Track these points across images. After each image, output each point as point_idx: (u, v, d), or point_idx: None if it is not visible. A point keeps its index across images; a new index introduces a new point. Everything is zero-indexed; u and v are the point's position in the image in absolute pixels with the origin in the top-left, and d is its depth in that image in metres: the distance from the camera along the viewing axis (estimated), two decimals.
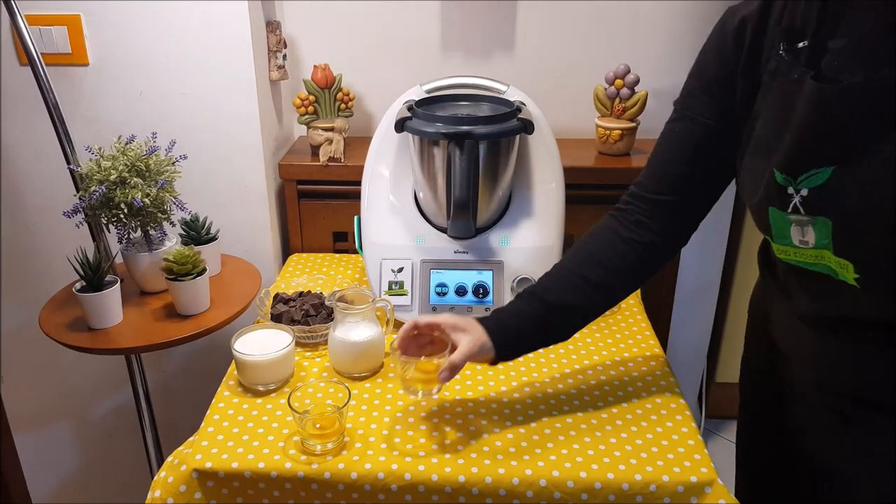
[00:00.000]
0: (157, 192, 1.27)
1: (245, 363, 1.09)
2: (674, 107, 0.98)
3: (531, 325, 0.99)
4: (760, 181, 0.84)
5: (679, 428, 1.02)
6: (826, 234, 0.79)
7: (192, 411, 1.22)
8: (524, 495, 0.93)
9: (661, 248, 1.02)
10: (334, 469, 0.94)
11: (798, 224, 0.81)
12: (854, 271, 0.79)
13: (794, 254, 0.85)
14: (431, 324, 0.99)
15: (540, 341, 1.04)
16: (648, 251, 1.00)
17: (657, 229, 1.00)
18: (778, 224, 0.84)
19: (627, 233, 1.00)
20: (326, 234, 1.62)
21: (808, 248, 0.82)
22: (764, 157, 0.84)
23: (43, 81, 1.26)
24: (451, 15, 1.62)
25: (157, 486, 0.98)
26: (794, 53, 0.81)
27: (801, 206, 0.80)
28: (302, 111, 1.59)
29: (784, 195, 0.81)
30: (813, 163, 0.78)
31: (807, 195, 0.79)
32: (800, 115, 0.78)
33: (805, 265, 0.85)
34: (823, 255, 0.81)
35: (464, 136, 1.15)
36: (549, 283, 1.01)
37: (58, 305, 1.34)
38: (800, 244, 0.83)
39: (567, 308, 1.00)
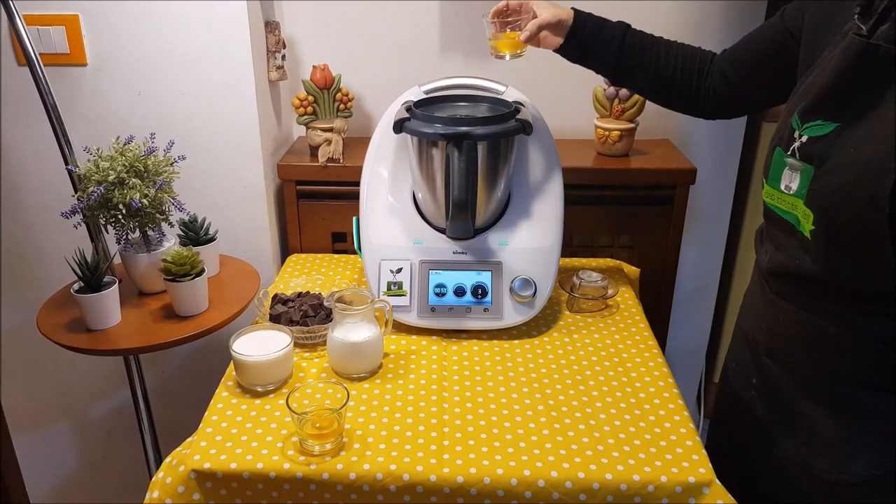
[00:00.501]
0: (155, 193, 1.27)
1: (244, 364, 1.09)
2: None
3: (611, 40, 1.15)
4: (783, 127, 0.92)
5: (677, 428, 1.02)
6: (806, 183, 0.87)
7: (191, 412, 1.22)
8: (522, 496, 0.93)
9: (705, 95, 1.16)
10: (333, 470, 0.94)
11: (790, 168, 0.90)
12: (811, 222, 0.86)
13: (776, 198, 0.94)
14: (519, 4, 1.15)
15: (604, 57, 1.17)
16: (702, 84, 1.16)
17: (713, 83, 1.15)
18: (776, 164, 0.93)
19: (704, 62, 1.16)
20: (325, 234, 1.62)
21: (788, 195, 0.91)
22: (795, 104, 0.91)
23: (41, 82, 1.26)
24: (450, 15, 1.62)
25: (155, 486, 0.98)
26: (865, 18, 0.83)
27: (797, 150, 0.89)
28: (301, 111, 1.59)
29: (791, 138, 0.90)
30: (823, 113, 0.85)
31: (805, 141, 0.87)
32: (831, 65, 0.84)
33: (780, 211, 0.94)
34: (797, 204, 0.90)
35: (462, 137, 1.15)
36: (644, 37, 1.17)
37: (56, 306, 1.34)
38: (784, 189, 0.92)
39: (638, 54, 1.16)
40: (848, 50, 0.82)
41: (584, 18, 1.16)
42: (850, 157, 0.82)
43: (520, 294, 1.24)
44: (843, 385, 0.92)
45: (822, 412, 0.96)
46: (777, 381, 1.02)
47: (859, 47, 0.81)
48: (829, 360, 0.93)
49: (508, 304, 1.25)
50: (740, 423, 1.12)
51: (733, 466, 1.09)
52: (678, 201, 1.57)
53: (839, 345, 0.91)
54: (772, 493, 1.06)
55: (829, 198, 0.84)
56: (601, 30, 1.16)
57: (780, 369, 1.01)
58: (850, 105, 0.83)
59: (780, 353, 1.01)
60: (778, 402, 1.03)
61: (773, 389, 1.04)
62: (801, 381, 0.98)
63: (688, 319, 1.94)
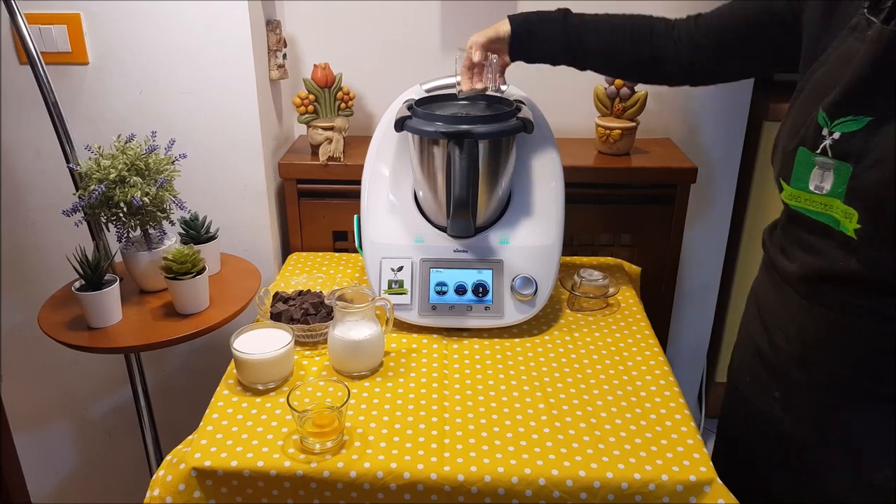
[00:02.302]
0: (156, 191, 1.27)
1: (244, 362, 1.09)
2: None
3: (556, 32, 1.14)
4: (801, 125, 0.88)
5: (678, 427, 1.02)
6: (842, 181, 0.83)
7: (192, 410, 1.22)
8: (523, 494, 0.93)
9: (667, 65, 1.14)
10: (333, 468, 0.94)
11: (821, 167, 0.86)
12: (857, 221, 0.82)
13: (804, 200, 0.89)
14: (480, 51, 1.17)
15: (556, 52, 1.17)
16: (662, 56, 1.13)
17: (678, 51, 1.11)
18: (801, 165, 0.88)
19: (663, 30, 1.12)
20: (326, 233, 1.62)
21: (819, 195, 0.87)
22: (814, 101, 0.88)
23: (42, 80, 1.26)
24: (451, 14, 1.62)
25: (156, 484, 0.98)
26: (875, 13, 0.82)
27: (829, 148, 0.85)
28: (302, 110, 1.59)
29: (818, 136, 0.86)
30: (855, 108, 0.82)
31: (838, 139, 0.84)
32: (858, 58, 0.81)
33: (811, 213, 0.89)
34: (832, 204, 0.86)
35: (463, 135, 1.15)
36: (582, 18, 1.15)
37: (57, 304, 1.34)
38: (814, 189, 0.87)
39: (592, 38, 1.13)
40: (879, 41, 0.80)
41: (522, 23, 1.16)
42: (890, 151, 0.79)
43: (521, 292, 1.24)
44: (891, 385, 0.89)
45: (867, 416, 0.92)
46: (811, 391, 0.97)
47: (890, 37, 0.78)
48: (873, 362, 0.90)
49: (509, 303, 1.25)
50: (763, 440, 1.07)
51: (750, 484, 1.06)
52: (679, 200, 1.57)
53: (884, 345, 0.88)
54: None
55: (875, 194, 0.81)
56: (538, 33, 1.16)
57: (814, 378, 0.96)
58: (883, 97, 0.81)
59: (815, 362, 0.95)
60: (812, 412, 0.98)
61: (804, 400, 0.99)
62: (841, 387, 0.93)
63: (689, 318, 1.94)
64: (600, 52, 1.16)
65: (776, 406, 1.03)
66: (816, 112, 0.86)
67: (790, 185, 0.91)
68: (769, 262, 1.04)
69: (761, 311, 1.06)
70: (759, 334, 1.06)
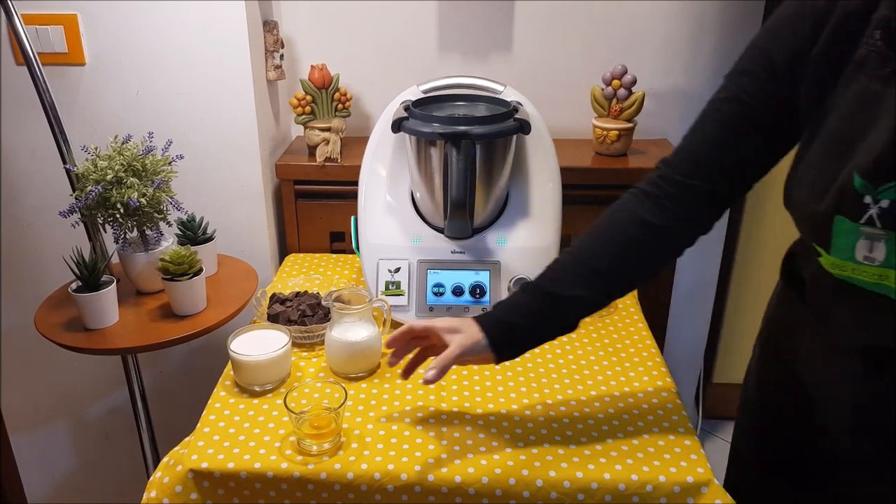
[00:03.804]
0: (153, 192, 1.27)
1: (241, 363, 1.09)
2: (724, 81, 0.89)
3: (532, 319, 0.93)
4: (830, 185, 0.76)
5: (676, 428, 1.02)
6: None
7: (189, 411, 1.22)
8: (521, 495, 0.93)
9: (679, 236, 0.93)
10: (330, 469, 0.94)
11: (868, 238, 0.74)
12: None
13: (852, 269, 0.77)
14: (428, 327, 0.96)
15: (543, 336, 0.96)
16: (665, 238, 0.92)
17: (680, 214, 0.91)
18: (843, 235, 0.76)
19: (648, 215, 0.91)
20: (323, 234, 1.62)
21: (872, 266, 0.75)
22: (838, 157, 0.75)
23: (39, 81, 1.25)
24: (448, 15, 1.62)
25: (152, 486, 0.98)
26: (890, 44, 0.72)
27: (877, 217, 0.72)
28: (299, 111, 1.59)
29: (859, 204, 0.73)
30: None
31: (887, 207, 0.71)
32: (892, 116, 0.70)
33: (862, 283, 0.77)
34: (889, 275, 0.74)
35: (460, 137, 1.15)
36: (554, 273, 0.94)
37: (54, 305, 1.34)
38: (864, 260, 0.75)
39: (570, 300, 0.92)
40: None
41: (498, 328, 0.93)
42: None
43: None
44: None
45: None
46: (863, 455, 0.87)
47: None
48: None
49: None
50: None
51: None
52: None
53: None
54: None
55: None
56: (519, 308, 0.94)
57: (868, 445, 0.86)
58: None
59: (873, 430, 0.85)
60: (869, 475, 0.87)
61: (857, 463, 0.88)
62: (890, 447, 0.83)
63: (686, 320, 1.94)
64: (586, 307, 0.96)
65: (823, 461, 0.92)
66: (849, 176, 0.73)
67: (831, 255, 0.78)
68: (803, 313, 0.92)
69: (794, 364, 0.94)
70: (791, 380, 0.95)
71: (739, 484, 1.11)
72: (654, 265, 0.96)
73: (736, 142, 0.87)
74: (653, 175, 0.94)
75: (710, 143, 0.89)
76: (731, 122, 0.87)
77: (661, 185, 0.92)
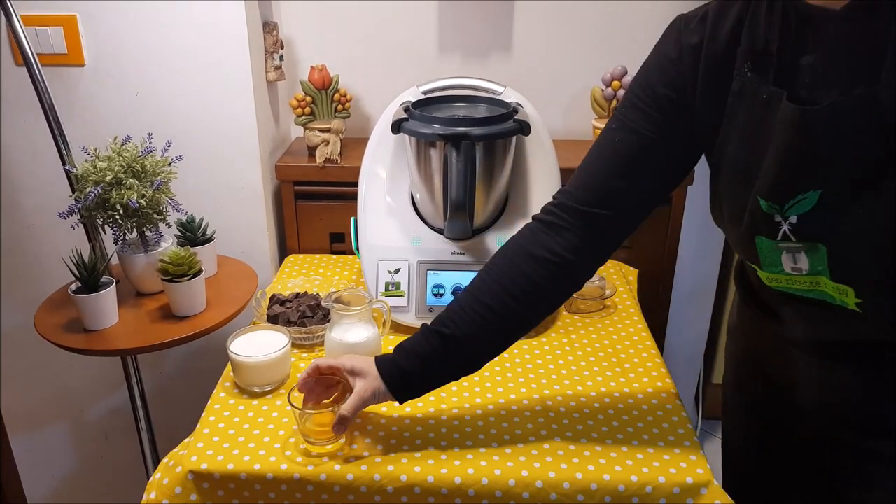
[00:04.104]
0: (152, 193, 1.27)
1: (241, 364, 1.09)
2: (615, 114, 0.91)
3: (431, 363, 0.93)
4: (743, 210, 0.80)
5: (675, 429, 1.02)
6: (821, 260, 0.75)
7: (189, 413, 1.22)
8: (520, 496, 0.93)
9: (576, 267, 0.92)
10: (330, 470, 0.94)
11: (789, 251, 0.77)
12: (855, 296, 0.75)
13: (786, 281, 0.81)
14: (333, 367, 0.97)
15: (443, 378, 0.97)
16: (561, 270, 0.91)
17: (578, 245, 0.90)
18: (767, 253, 0.80)
19: (542, 249, 0.91)
20: (323, 235, 1.62)
21: (801, 275, 0.78)
22: (743, 184, 0.79)
23: (39, 82, 1.26)
24: (448, 16, 1.62)
25: (152, 487, 0.98)
26: (761, 73, 0.76)
27: (790, 233, 0.76)
28: (299, 112, 1.59)
29: (771, 223, 0.77)
30: (799, 188, 0.74)
31: (796, 222, 0.75)
32: (781, 139, 0.74)
33: (799, 292, 0.81)
34: (820, 282, 0.77)
35: (460, 138, 1.15)
36: (451, 313, 0.93)
37: (53, 307, 1.33)
38: (792, 271, 0.79)
39: (467, 342, 0.91)
40: (793, 123, 0.72)
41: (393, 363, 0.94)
42: (865, 222, 0.71)
43: None
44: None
45: None
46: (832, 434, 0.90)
47: (803, 115, 0.71)
48: None
49: None
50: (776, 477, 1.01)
51: None
52: (676, 201, 1.57)
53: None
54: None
55: (866, 269, 0.73)
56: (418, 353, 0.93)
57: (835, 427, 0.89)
58: (823, 166, 0.72)
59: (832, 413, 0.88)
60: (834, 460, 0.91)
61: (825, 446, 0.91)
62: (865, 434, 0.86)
63: (686, 320, 1.94)
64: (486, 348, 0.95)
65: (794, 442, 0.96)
66: (755, 200, 0.77)
67: (764, 270, 0.82)
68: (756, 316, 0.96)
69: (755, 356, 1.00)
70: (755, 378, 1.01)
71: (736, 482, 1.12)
72: (551, 301, 0.96)
73: (632, 169, 0.89)
74: (548, 206, 0.95)
75: (607, 171, 0.90)
76: (626, 151, 0.89)
77: (557, 215, 0.92)
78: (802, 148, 0.73)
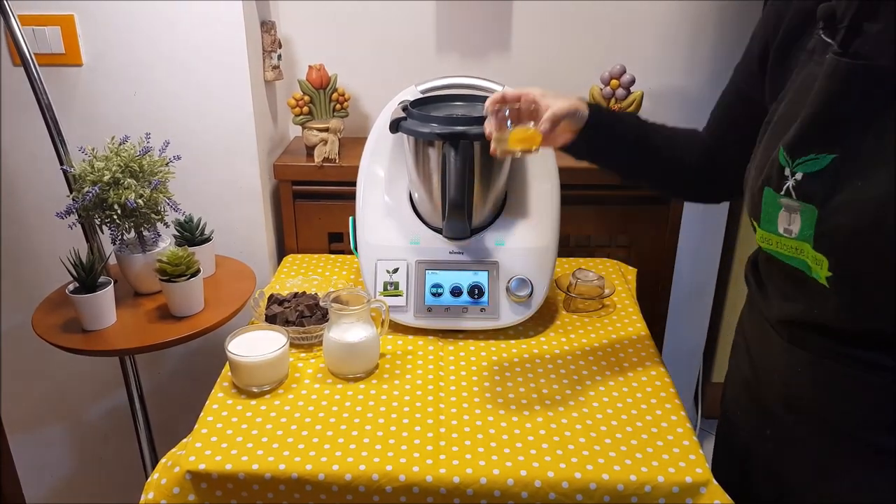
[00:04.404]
0: (150, 193, 1.27)
1: (239, 364, 1.09)
2: None
3: (622, 127, 1.04)
4: (767, 159, 0.83)
5: (674, 428, 1.02)
6: (810, 224, 0.78)
7: (187, 413, 1.21)
8: (519, 496, 0.92)
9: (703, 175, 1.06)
10: (328, 470, 0.94)
11: (787, 210, 0.80)
12: (827, 268, 0.78)
13: (776, 243, 0.84)
14: (522, 94, 0.97)
15: (621, 144, 1.04)
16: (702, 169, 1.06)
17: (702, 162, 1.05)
18: (769, 206, 0.83)
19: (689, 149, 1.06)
20: (321, 234, 1.61)
21: (790, 238, 0.82)
22: (780, 135, 0.82)
23: (36, 82, 1.25)
24: (446, 15, 1.62)
25: (150, 487, 0.97)
26: (830, 35, 0.78)
27: (793, 189, 0.79)
28: (297, 111, 1.58)
29: (781, 176, 0.80)
30: (816, 146, 0.77)
31: (800, 179, 0.78)
32: (818, 90, 0.76)
33: (783, 257, 0.84)
34: (803, 248, 0.80)
35: (459, 137, 1.15)
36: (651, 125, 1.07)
37: (51, 307, 1.33)
38: (784, 232, 0.82)
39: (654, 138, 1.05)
40: (833, 74, 0.74)
41: (599, 112, 1.02)
42: (860, 193, 0.73)
43: (516, 294, 1.24)
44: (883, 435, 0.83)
45: (860, 465, 0.86)
46: (798, 434, 0.92)
47: (844, 69, 0.73)
48: (862, 410, 0.84)
49: (505, 304, 1.25)
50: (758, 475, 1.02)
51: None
52: (675, 200, 1.57)
53: (873, 393, 0.82)
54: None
55: (844, 241, 0.75)
56: (615, 125, 1.03)
57: (801, 422, 0.91)
58: (845, 132, 0.75)
59: (800, 405, 0.91)
60: (801, 455, 0.93)
61: (793, 443, 0.93)
62: (830, 433, 0.88)
63: (685, 319, 1.94)
64: (661, 155, 1.06)
65: (768, 445, 0.98)
66: (777, 149, 0.81)
67: (761, 227, 0.85)
68: (752, 298, 1.00)
69: (748, 345, 1.02)
70: (746, 369, 1.02)
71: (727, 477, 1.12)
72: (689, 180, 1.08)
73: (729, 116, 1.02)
74: None
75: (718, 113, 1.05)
76: (730, 102, 1.01)
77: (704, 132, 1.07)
78: (832, 101, 0.75)
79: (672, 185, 1.12)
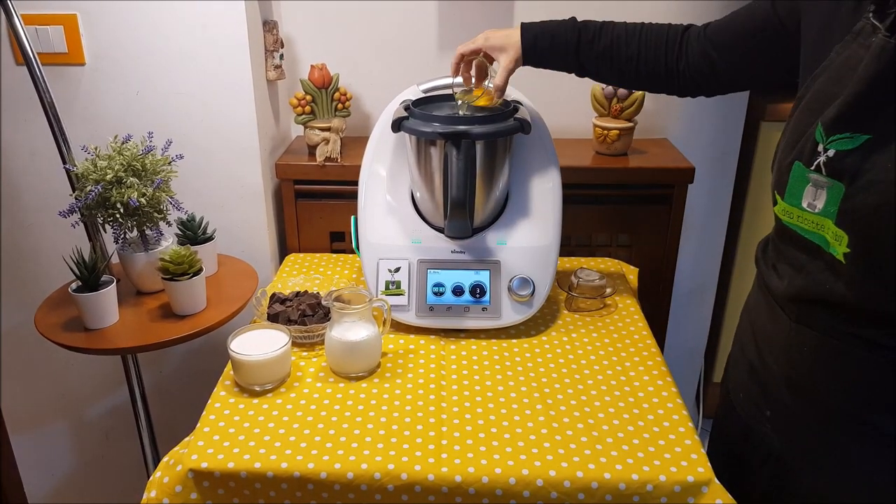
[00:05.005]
0: (153, 192, 1.27)
1: (241, 363, 1.09)
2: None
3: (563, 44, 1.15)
4: (801, 136, 0.85)
5: (676, 428, 1.02)
6: (835, 201, 0.80)
7: (189, 411, 1.22)
8: (521, 495, 0.93)
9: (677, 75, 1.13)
10: (331, 469, 0.94)
11: (814, 185, 0.83)
12: (846, 245, 0.80)
13: (797, 217, 0.86)
14: (475, 49, 1.18)
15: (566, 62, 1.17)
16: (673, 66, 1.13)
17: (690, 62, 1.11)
18: (796, 180, 0.85)
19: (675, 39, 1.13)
20: (323, 233, 1.62)
21: (812, 213, 0.84)
22: (814, 112, 0.84)
23: (39, 81, 1.25)
24: (448, 14, 1.62)
25: (152, 486, 0.98)
26: (879, 19, 0.78)
27: (823, 165, 0.81)
28: (299, 111, 1.59)
29: (814, 152, 0.82)
30: (853, 125, 0.78)
31: (832, 156, 0.80)
32: (863, 69, 0.77)
33: (802, 231, 0.86)
34: (824, 224, 0.83)
35: (460, 136, 1.15)
36: (596, 22, 1.17)
37: (54, 305, 1.33)
38: (807, 207, 0.84)
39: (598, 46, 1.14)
40: (881, 55, 0.75)
41: (532, 39, 1.15)
42: (888, 174, 0.75)
43: (518, 293, 1.24)
44: (883, 416, 0.85)
45: (858, 446, 0.88)
46: (799, 415, 0.94)
47: (892, 51, 0.74)
48: (864, 391, 0.86)
49: (507, 304, 1.25)
50: (756, 458, 1.03)
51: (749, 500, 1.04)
52: (676, 200, 1.57)
53: (876, 373, 0.84)
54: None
55: (866, 218, 0.78)
56: (552, 42, 1.15)
57: (802, 402, 0.93)
58: (883, 115, 0.76)
59: (802, 385, 0.92)
60: (801, 436, 0.95)
61: (793, 423, 0.95)
62: (831, 413, 0.90)
63: (686, 318, 1.94)
64: (610, 57, 1.14)
65: (767, 426, 1.00)
66: (815, 125, 0.82)
67: (784, 200, 0.88)
68: (761, 280, 1.02)
69: (753, 327, 1.03)
70: (750, 351, 1.03)
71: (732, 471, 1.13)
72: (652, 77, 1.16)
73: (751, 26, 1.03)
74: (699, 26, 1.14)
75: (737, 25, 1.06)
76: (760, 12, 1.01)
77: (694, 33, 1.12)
78: (877, 83, 0.76)
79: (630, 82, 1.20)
